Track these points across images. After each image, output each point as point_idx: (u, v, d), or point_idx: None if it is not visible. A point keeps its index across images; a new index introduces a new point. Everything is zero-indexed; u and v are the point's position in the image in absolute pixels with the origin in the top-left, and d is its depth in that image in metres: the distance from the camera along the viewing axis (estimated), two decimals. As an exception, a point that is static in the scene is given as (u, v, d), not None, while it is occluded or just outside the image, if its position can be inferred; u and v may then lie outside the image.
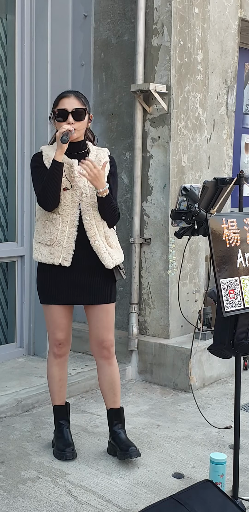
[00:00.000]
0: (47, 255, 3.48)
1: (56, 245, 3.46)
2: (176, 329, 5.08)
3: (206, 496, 2.94)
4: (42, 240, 3.50)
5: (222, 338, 3.10)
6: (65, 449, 3.64)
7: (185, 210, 3.04)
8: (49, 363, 3.72)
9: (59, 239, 3.45)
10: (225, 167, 5.75)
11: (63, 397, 3.76)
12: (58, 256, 3.46)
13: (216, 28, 5.46)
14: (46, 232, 3.48)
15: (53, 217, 3.46)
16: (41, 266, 3.55)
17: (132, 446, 3.61)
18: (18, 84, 5.12)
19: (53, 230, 3.46)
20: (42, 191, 3.41)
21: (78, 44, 5.51)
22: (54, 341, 3.65)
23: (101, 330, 3.61)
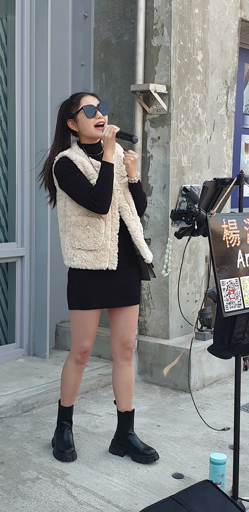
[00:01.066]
0: (93, 260, 3.41)
1: (102, 249, 3.41)
2: (176, 329, 5.08)
3: (206, 497, 2.94)
4: (84, 246, 3.41)
5: (222, 339, 3.09)
6: (65, 451, 3.64)
7: (185, 210, 3.04)
8: (68, 367, 3.66)
9: (104, 243, 3.41)
10: (225, 167, 5.75)
11: (73, 400, 3.76)
12: (106, 260, 3.41)
13: (216, 28, 5.46)
14: (89, 237, 3.40)
15: (95, 221, 3.40)
16: (81, 272, 3.45)
17: (152, 449, 3.69)
18: (18, 84, 5.12)
19: (97, 234, 3.40)
20: (99, 195, 3.32)
21: (78, 45, 5.51)
22: (79, 349, 3.58)
23: (128, 330, 3.63)
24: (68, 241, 3.45)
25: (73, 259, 3.44)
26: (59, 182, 3.44)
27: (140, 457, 3.64)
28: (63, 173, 3.41)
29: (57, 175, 3.44)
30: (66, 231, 3.47)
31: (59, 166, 3.43)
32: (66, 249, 3.47)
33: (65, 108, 3.50)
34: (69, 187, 3.40)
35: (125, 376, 3.69)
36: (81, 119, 3.44)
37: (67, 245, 3.46)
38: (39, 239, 5.23)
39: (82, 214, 3.41)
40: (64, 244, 3.49)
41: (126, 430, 3.72)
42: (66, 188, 3.42)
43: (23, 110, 5.15)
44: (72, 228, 3.44)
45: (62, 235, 3.53)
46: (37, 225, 5.23)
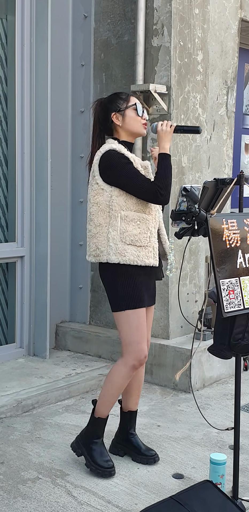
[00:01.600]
0: (143, 257, 3.38)
1: (148, 246, 3.40)
2: (176, 329, 5.08)
3: (206, 497, 2.94)
4: (135, 241, 3.36)
5: (222, 339, 3.09)
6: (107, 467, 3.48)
7: (185, 210, 3.04)
8: (122, 374, 3.45)
9: (150, 239, 3.42)
10: (225, 167, 5.76)
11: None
12: (152, 256, 3.41)
13: (216, 28, 5.46)
14: (140, 233, 3.37)
15: (145, 217, 3.39)
16: (129, 269, 3.38)
17: (153, 450, 3.69)
18: (18, 84, 5.12)
19: (146, 230, 3.39)
20: (164, 185, 3.33)
21: (78, 45, 5.51)
22: (139, 353, 3.42)
23: (148, 329, 3.62)
24: (117, 236, 3.36)
25: (125, 255, 3.35)
26: (110, 174, 3.37)
27: (140, 458, 3.64)
28: (116, 164, 3.35)
29: (108, 167, 3.37)
30: (110, 226, 3.37)
31: (109, 158, 3.37)
32: (114, 244, 3.35)
33: (110, 102, 3.50)
34: (129, 178, 3.34)
35: (137, 375, 3.64)
36: (131, 115, 3.48)
37: (115, 240, 3.36)
38: (39, 239, 5.22)
39: (131, 209, 3.37)
40: (109, 239, 3.37)
41: (128, 430, 3.71)
42: (123, 179, 3.35)
43: (23, 110, 5.15)
44: (122, 223, 3.37)
45: (102, 229, 3.40)
46: (37, 225, 5.23)
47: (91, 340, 5.39)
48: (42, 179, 5.17)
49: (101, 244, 3.40)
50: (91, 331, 5.44)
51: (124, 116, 3.47)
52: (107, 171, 3.37)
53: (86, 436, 3.55)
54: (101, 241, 3.40)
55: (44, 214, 5.17)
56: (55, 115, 5.30)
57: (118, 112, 3.47)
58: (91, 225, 3.44)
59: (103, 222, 3.40)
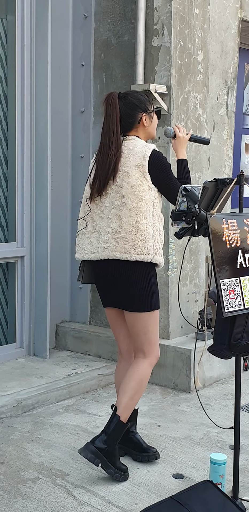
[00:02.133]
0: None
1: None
2: (176, 329, 5.08)
3: (206, 497, 2.94)
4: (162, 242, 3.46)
5: (222, 339, 3.09)
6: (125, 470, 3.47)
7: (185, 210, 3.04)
8: (148, 376, 3.52)
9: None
10: (225, 167, 5.76)
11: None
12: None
13: (216, 28, 5.46)
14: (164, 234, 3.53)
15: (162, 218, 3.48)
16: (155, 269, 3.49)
17: (153, 448, 3.70)
18: (18, 84, 5.12)
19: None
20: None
21: (78, 45, 5.51)
22: (158, 352, 3.54)
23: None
24: (158, 237, 3.42)
25: (161, 255, 3.43)
26: (160, 174, 3.40)
27: (142, 455, 3.64)
28: (166, 167, 3.42)
29: (160, 166, 3.40)
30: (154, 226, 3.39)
31: (161, 158, 3.41)
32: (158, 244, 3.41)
33: (139, 101, 3.49)
34: (171, 183, 3.41)
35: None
36: (155, 119, 3.55)
37: (158, 240, 3.41)
38: (39, 239, 5.23)
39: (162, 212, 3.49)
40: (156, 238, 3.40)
41: (129, 429, 3.69)
42: (168, 180, 3.41)
43: (23, 110, 5.15)
44: (160, 224, 3.44)
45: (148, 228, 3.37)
46: (37, 225, 5.23)
47: (91, 340, 5.39)
48: (42, 179, 5.17)
49: (148, 244, 3.36)
50: (92, 331, 5.44)
51: (151, 119, 3.54)
52: (158, 171, 3.39)
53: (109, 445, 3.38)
54: (148, 240, 3.36)
55: (44, 214, 5.17)
56: (56, 115, 5.30)
57: (148, 114, 3.51)
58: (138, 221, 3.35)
59: (150, 221, 3.38)
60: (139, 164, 3.37)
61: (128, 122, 3.48)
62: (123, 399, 3.44)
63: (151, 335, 3.47)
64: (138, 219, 3.35)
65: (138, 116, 3.47)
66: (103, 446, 3.36)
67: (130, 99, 3.48)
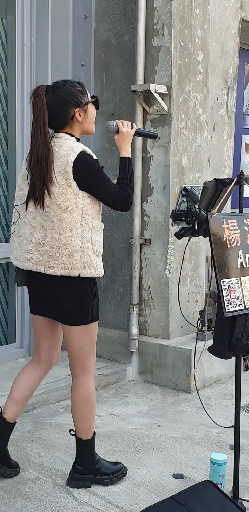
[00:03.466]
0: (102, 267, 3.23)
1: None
2: (176, 329, 5.08)
3: (206, 497, 2.94)
4: (99, 252, 3.18)
5: (222, 339, 3.10)
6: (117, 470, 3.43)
7: (185, 210, 3.04)
8: (93, 390, 3.31)
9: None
10: (225, 167, 5.76)
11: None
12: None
13: (216, 28, 5.46)
14: (102, 243, 3.22)
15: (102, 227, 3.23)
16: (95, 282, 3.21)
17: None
18: (18, 84, 5.12)
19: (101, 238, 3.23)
20: (132, 191, 3.17)
21: (78, 45, 5.51)
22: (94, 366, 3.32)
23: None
24: (90, 247, 3.11)
25: (97, 268, 3.15)
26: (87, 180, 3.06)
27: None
28: (94, 170, 3.06)
29: (86, 172, 3.05)
30: (83, 237, 3.09)
31: (87, 162, 3.05)
32: (88, 256, 3.10)
33: (69, 95, 3.14)
34: (103, 186, 3.08)
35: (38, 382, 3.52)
36: (91, 111, 3.20)
37: (88, 251, 3.10)
38: (39, 239, 5.22)
39: (98, 218, 3.18)
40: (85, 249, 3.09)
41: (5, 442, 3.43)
42: (99, 187, 3.08)
43: (23, 110, 5.15)
44: (93, 233, 3.12)
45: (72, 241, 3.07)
46: (38, 225, 5.22)
47: (91, 340, 5.38)
48: (43, 179, 5.17)
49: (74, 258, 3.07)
50: (92, 331, 5.43)
51: (86, 113, 3.17)
52: (86, 176, 3.05)
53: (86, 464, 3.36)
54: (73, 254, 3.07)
55: (45, 214, 5.17)
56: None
57: (81, 108, 3.14)
58: (62, 234, 3.06)
59: (75, 233, 3.07)
60: (62, 170, 3.03)
61: (60, 119, 3.14)
62: (81, 425, 3.33)
63: (86, 349, 3.22)
64: (61, 232, 3.05)
65: (70, 112, 3.12)
66: (83, 469, 3.35)
67: (59, 94, 3.12)
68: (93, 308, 3.20)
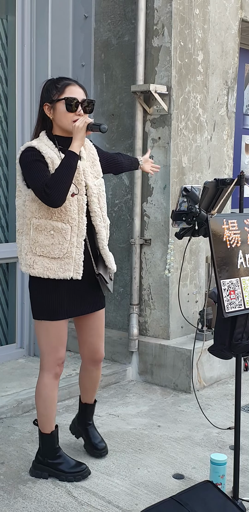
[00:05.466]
0: (56, 269, 3.15)
1: (66, 257, 3.15)
2: (176, 330, 5.08)
3: (207, 497, 2.94)
4: (47, 253, 3.14)
5: (222, 339, 3.10)
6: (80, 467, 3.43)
7: (186, 211, 3.04)
8: (48, 386, 3.33)
9: (69, 250, 3.15)
10: (225, 168, 5.76)
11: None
12: (70, 269, 3.15)
13: (216, 29, 5.46)
14: (54, 244, 3.13)
15: (61, 227, 3.13)
16: (44, 281, 3.19)
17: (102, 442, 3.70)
18: (18, 84, 5.12)
19: (62, 241, 3.13)
20: (54, 183, 3.00)
21: (78, 45, 5.51)
22: (57, 360, 3.30)
23: (95, 337, 3.49)
24: (27, 245, 3.15)
25: (33, 267, 3.15)
26: (23, 173, 3.15)
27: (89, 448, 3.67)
28: (27, 160, 3.10)
29: (21, 165, 3.14)
30: (24, 234, 3.17)
31: (24, 154, 3.12)
32: (25, 254, 3.16)
33: (47, 89, 3.21)
34: (29, 175, 3.09)
35: (91, 377, 3.62)
36: (60, 110, 3.18)
37: (26, 249, 3.16)
38: (39, 240, 5.22)
39: (45, 217, 3.12)
40: (22, 248, 3.19)
41: (85, 420, 3.71)
42: (27, 177, 3.11)
43: (23, 111, 5.15)
44: (33, 232, 3.14)
45: (19, 237, 3.22)
46: (38, 226, 5.23)
47: (91, 340, 5.39)
48: (43, 179, 5.17)
49: (19, 253, 3.24)
50: (92, 331, 5.43)
51: (54, 109, 3.18)
52: (22, 171, 3.14)
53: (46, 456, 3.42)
54: (18, 249, 3.23)
55: (45, 214, 5.17)
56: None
57: (50, 103, 3.18)
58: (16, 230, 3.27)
59: (20, 228, 3.21)
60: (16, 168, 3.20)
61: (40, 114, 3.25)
62: (37, 416, 3.44)
63: (40, 343, 3.32)
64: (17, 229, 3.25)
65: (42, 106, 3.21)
66: (43, 459, 3.43)
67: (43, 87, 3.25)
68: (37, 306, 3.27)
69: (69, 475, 3.40)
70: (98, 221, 3.28)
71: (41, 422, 3.41)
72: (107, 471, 3.54)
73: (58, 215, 3.14)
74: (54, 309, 3.24)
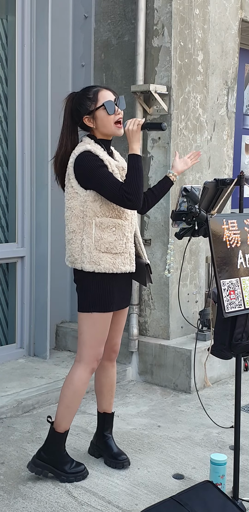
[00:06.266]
0: (119, 264, 3.28)
1: (125, 252, 3.30)
2: (176, 330, 5.08)
3: (206, 497, 2.94)
4: (110, 249, 3.25)
5: (223, 339, 3.10)
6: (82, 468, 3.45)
7: (186, 211, 3.05)
8: (82, 380, 3.37)
9: (127, 245, 3.30)
10: (225, 168, 5.75)
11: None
12: (128, 263, 3.31)
13: (216, 29, 5.46)
14: (116, 240, 3.26)
15: (121, 223, 3.27)
16: (107, 276, 3.28)
17: (124, 455, 3.62)
18: (18, 84, 5.12)
19: (122, 237, 3.28)
20: (132, 189, 3.14)
21: (78, 45, 5.51)
22: (97, 356, 3.38)
23: (117, 333, 3.57)
24: (91, 243, 3.23)
25: (99, 263, 3.24)
26: (84, 177, 3.22)
27: (110, 461, 3.59)
28: (91, 166, 3.20)
29: (82, 169, 3.22)
30: (85, 233, 3.25)
31: (84, 160, 3.21)
32: (88, 252, 3.24)
33: (80, 103, 3.31)
34: (99, 182, 3.19)
35: (107, 376, 3.64)
36: (102, 117, 3.28)
37: (89, 247, 3.24)
38: (39, 240, 5.23)
39: (106, 216, 3.24)
40: (83, 246, 3.25)
41: (103, 432, 3.67)
42: (95, 183, 3.20)
43: (23, 111, 5.15)
44: (96, 230, 3.24)
45: (76, 236, 3.29)
46: (38, 226, 5.23)
47: (91, 340, 5.38)
48: (43, 179, 5.18)
49: (75, 251, 3.29)
50: (92, 331, 5.43)
51: (95, 118, 3.30)
52: (82, 174, 3.23)
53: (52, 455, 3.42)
54: (75, 248, 3.29)
55: (45, 214, 5.17)
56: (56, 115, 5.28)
57: (89, 114, 3.29)
58: (66, 230, 3.32)
59: (77, 228, 3.28)
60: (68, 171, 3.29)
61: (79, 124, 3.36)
62: (58, 409, 3.42)
63: (84, 337, 3.35)
64: (65, 228, 3.33)
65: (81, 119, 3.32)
66: (47, 457, 3.41)
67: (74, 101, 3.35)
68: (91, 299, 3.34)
69: (70, 475, 3.40)
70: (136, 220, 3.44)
71: (61, 416, 3.40)
72: (107, 471, 3.54)
73: (117, 213, 3.28)
74: (108, 301, 3.33)
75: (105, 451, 3.64)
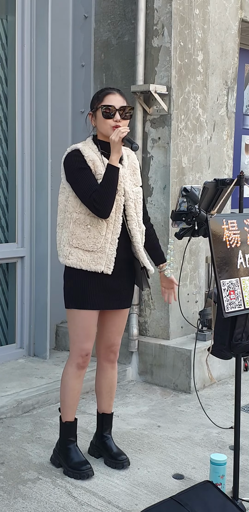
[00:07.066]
0: (89, 262, 3.31)
1: (99, 252, 3.31)
2: (176, 330, 5.08)
3: (206, 497, 2.94)
4: (82, 245, 3.32)
5: (222, 339, 3.10)
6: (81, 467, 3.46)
7: (185, 211, 3.04)
8: (69, 374, 3.48)
9: (103, 245, 3.32)
10: (225, 168, 5.76)
11: (75, 411, 3.57)
12: (102, 263, 3.31)
13: (216, 29, 5.46)
14: (89, 237, 3.31)
15: (97, 222, 3.30)
16: (77, 271, 3.35)
17: (123, 455, 3.62)
18: (18, 85, 5.12)
19: (97, 236, 3.31)
20: (101, 199, 3.22)
21: (78, 45, 5.51)
22: (81, 352, 3.43)
23: (114, 334, 3.58)
24: (66, 237, 3.35)
25: (69, 257, 3.34)
26: (67, 175, 3.35)
27: (110, 461, 3.60)
28: (72, 166, 3.31)
29: (66, 167, 3.35)
30: (64, 227, 3.37)
31: (69, 158, 3.34)
32: (63, 246, 3.37)
33: (92, 99, 3.45)
34: (76, 182, 3.31)
35: (106, 378, 3.66)
36: (99, 117, 3.37)
37: (64, 241, 3.36)
38: (39, 240, 5.23)
39: (84, 213, 3.31)
40: (61, 240, 3.39)
41: (102, 432, 3.68)
42: (73, 183, 3.32)
43: (23, 111, 5.15)
44: (72, 225, 3.34)
45: (59, 230, 3.42)
46: (38, 226, 5.23)
47: (91, 340, 5.39)
48: (43, 179, 5.17)
49: (58, 245, 3.43)
50: (92, 331, 5.43)
51: (96, 117, 3.40)
52: (66, 171, 3.36)
53: (60, 444, 3.56)
54: (58, 241, 3.43)
55: (45, 214, 5.17)
56: (56, 115, 5.30)
57: (92, 112, 3.42)
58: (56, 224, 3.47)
59: (61, 222, 3.41)
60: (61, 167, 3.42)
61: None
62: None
63: (70, 333, 3.48)
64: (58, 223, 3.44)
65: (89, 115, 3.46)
66: (57, 449, 3.60)
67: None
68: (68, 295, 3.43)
69: (75, 471, 3.43)
70: (134, 225, 3.42)
71: (62, 408, 3.55)
72: (107, 471, 3.54)
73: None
74: (82, 299, 3.38)
75: (105, 452, 3.65)
